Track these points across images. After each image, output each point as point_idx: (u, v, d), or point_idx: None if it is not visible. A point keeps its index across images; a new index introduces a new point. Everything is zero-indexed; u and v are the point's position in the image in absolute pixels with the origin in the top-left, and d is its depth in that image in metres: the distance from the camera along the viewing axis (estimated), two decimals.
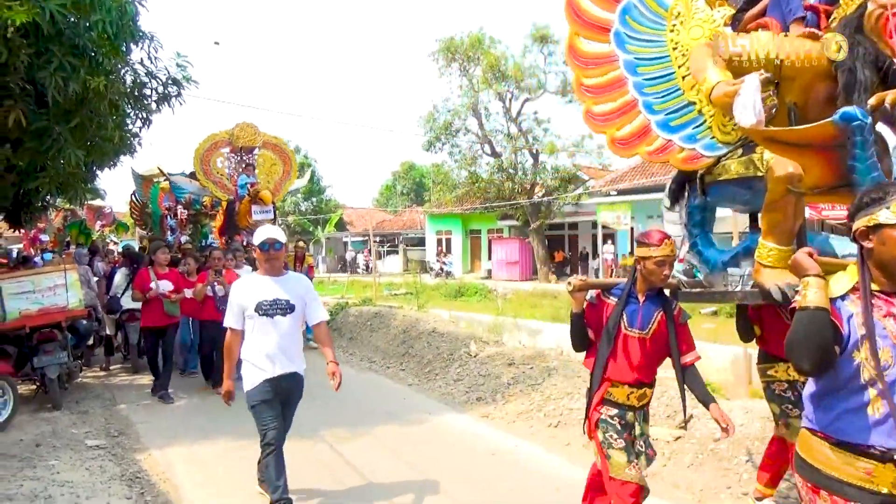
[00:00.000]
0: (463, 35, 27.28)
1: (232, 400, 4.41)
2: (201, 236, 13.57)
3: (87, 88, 5.36)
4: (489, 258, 32.03)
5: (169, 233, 13.59)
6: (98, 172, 8.69)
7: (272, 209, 10.98)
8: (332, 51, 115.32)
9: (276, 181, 12.15)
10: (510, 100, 27.79)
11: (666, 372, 7.77)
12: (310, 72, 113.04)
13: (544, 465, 5.38)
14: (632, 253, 27.06)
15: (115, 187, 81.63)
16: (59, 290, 7.38)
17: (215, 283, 7.87)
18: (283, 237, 4.37)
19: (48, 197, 8.36)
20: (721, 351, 7.90)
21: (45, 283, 7.30)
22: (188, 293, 7.92)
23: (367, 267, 35.91)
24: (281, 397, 4.32)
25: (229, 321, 4.36)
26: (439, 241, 36.26)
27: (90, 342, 8.51)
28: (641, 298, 3.39)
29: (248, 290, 4.33)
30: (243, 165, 11.86)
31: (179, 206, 13.16)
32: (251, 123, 12.00)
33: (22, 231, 12.50)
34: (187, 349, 9.05)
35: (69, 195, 7.86)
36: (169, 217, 13.67)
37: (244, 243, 10.93)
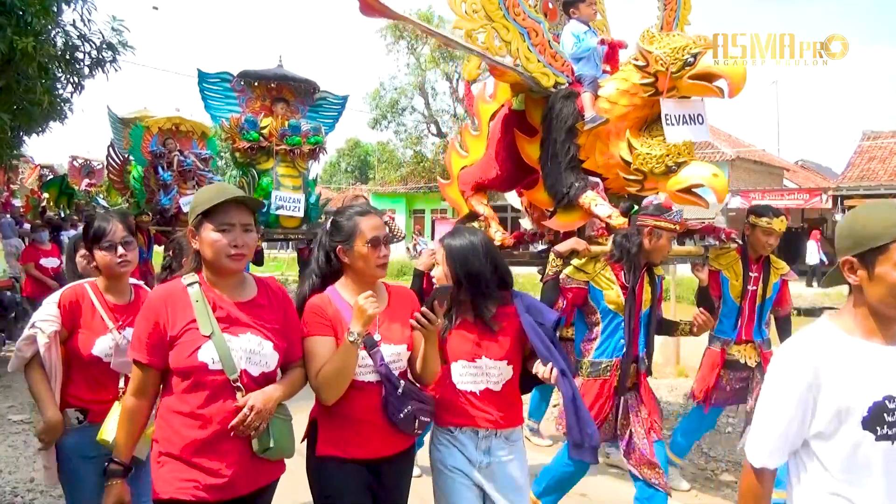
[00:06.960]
0: (412, 12, 27.09)
1: None
2: (258, 189, 7.92)
3: (13, 49, 5.14)
4: (433, 238, 32.11)
5: (161, 192, 8.94)
6: (25, 138, 8.36)
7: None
8: (273, 18, 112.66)
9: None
10: (457, 80, 27.79)
11: None
12: (251, 40, 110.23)
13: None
14: None
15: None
16: None
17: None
18: None
19: None
20: None
21: None
22: None
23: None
24: None
25: None
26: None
27: (13, 314, 8.18)
28: None
29: None
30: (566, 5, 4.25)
31: (192, 154, 9.14)
32: None
33: None
34: None
35: None
36: (160, 168, 9.05)
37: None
